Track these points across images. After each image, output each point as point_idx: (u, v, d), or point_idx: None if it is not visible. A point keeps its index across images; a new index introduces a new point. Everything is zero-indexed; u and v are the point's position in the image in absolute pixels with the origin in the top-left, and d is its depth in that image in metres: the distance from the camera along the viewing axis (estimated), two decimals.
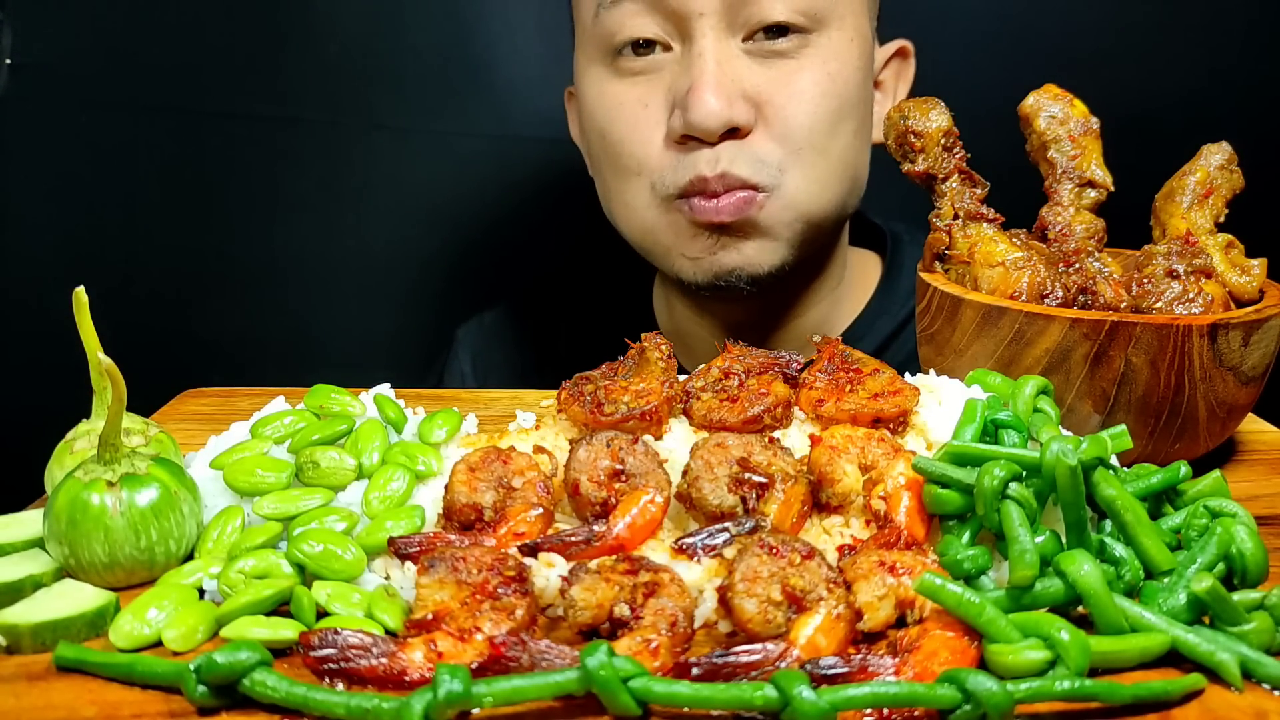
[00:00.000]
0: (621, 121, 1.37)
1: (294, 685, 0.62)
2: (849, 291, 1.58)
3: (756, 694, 0.62)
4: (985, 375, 0.92)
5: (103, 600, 0.72)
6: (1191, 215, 1.05)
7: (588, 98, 1.41)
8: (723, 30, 1.30)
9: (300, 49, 1.88)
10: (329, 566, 0.75)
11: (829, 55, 1.33)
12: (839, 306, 1.57)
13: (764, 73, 1.32)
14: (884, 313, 1.55)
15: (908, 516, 0.77)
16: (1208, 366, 0.92)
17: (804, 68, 1.32)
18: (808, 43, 1.32)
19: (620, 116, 1.37)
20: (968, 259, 1.02)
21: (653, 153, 1.35)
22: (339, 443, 0.88)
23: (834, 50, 1.33)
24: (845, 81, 1.34)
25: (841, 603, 0.69)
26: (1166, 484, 0.82)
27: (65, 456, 0.85)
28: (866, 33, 1.39)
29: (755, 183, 1.31)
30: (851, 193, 1.42)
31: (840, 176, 1.37)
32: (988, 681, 0.61)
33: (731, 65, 1.31)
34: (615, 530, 0.77)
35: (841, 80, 1.34)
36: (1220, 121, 1.36)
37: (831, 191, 1.37)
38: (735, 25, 1.31)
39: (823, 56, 1.33)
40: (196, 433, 1.04)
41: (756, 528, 0.76)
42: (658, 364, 0.92)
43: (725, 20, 1.30)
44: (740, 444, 0.81)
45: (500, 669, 0.65)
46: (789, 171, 1.33)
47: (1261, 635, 0.69)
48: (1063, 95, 1.09)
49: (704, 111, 1.27)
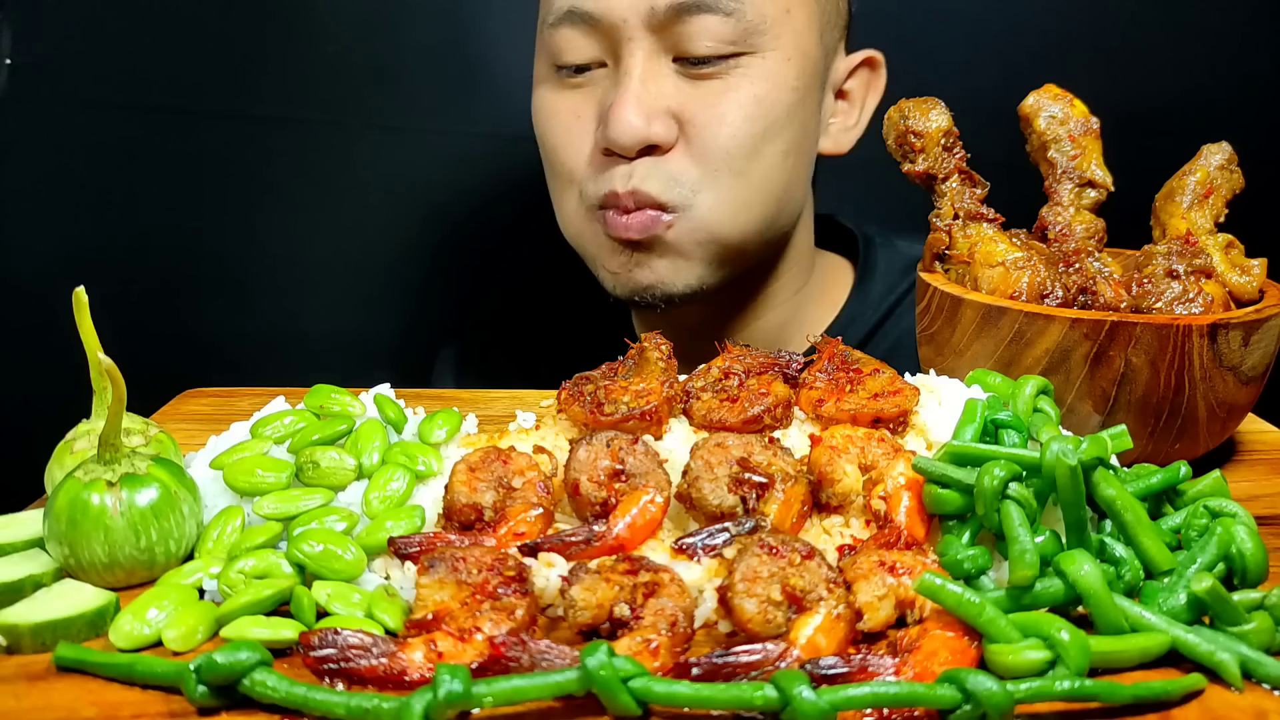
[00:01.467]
0: (557, 129, 1.41)
1: (294, 685, 0.62)
2: (817, 295, 1.58)
3: (756, 694, 0.62)
4: (985, 375, 0.92)
5: (103, 600, 0.72)
6: (1191, 215, 1.05)
7: (535, 105, 1.46)
8: (653, 50, 1.32)
9: (299, 49, 1.88)
10: (329, 566, 0.75)
11: (758, 77, 1.33)
12: (804, 310, 1.57)
13: (690, 91, 1.33)
14: (857, 317, 1.55)
15: (908, 516, 0.77)
16: (1208, 366, 0.92)
17: (730, 89, 1.33)
18: (738, 64, 1.33)
19: (556, 125, 1.41)
20: (968, 259, 1.02)
21: (581, 162, 1.38)
22: (339, 443, 0.88)
23: (765, 72, 1.33)
24: (774, 104, 1.34)
25: (841, 603, 0.70)
26: (1166, 484, 0.82)
27: (65, 456, 0.85)
28: (810, 50, 1.38)
29: (664, 201, 1.33)
30: (780, 213, 1.42)
31: (762, 198, 1.37)
32: (988, 681, 0.61)
33: (658, 83, 1.32)
34: (615, 530, 0.77)
35: (769, 103, 1.34)
36: (1220, 121, 1.36)
37: (749, 213, 1.37)
38: (665, 46, 1.32)
39: (751, 78, 1.33)
40: (196, 433, 1.04)
41: (756, 528, 0.76)
42: (658, 364, 0.92)
43: (655, 43, 1.32)
44: (740, 444, 0.81)
45: (500, 669, 0.65)
46: (702, 192, 1.33)
47: (1261, 635, 0.69)
48: (1063, 95, 1.09)
49: (621, 128, 1.29)
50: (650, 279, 1.37)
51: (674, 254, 1.36)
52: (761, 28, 1.32)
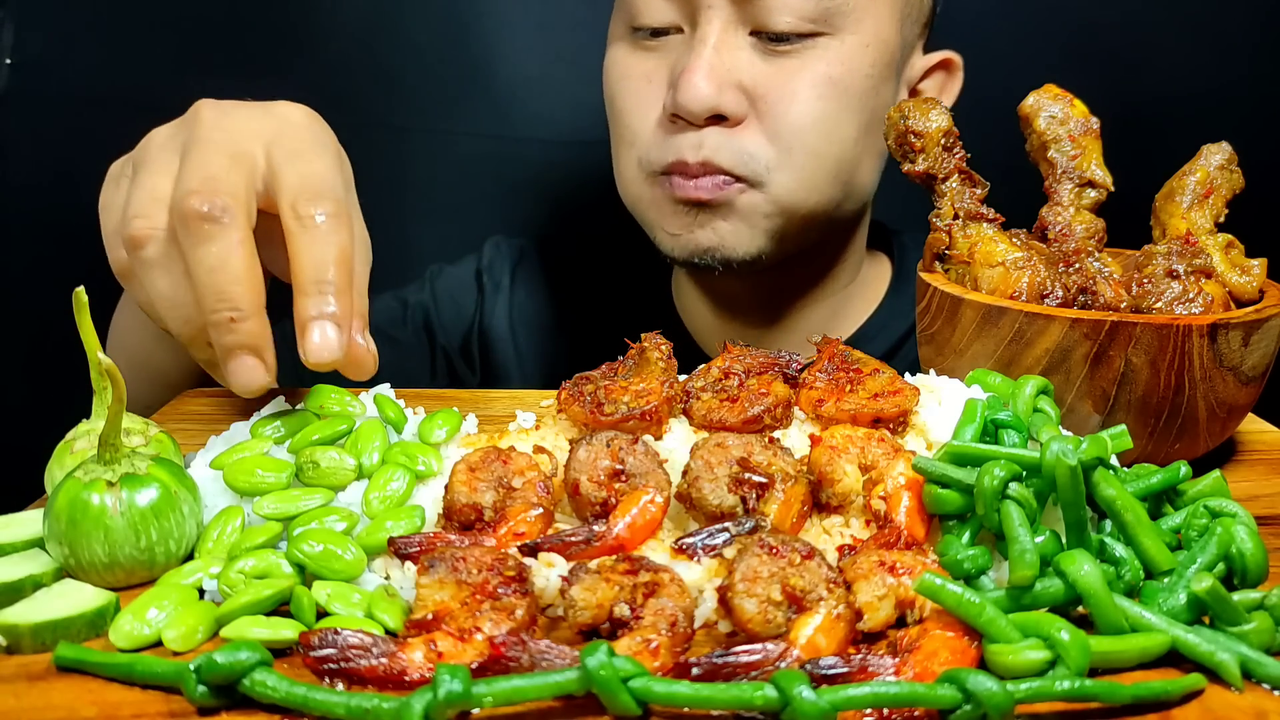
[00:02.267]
0: (626, 93, 1.40)
1: (294, 685, 0.62)
2: (861, 291, 1.59)
3: (756, 694, 0.61)
4: (985, 375, 0.92)
5: (103, 600, 0.72)
6: (1191, 215, 1.05)
7: (606, 65, 1.45)
8: (730, 20, 1.31)
9: (300, 48, 1.88)
10: (329, 566, 0.75)
11: (835, 59, 1.32)
12: (848, 305, 1.57)
13: (764, 68, 1.32)
14: (896, 314, 1.56)
15: (908, 516, 0.77)
16: (1208, 366, 0.92)
17: (805, 68, 1.32)
18: (815, 44, 1.32)
19: (626, 88, 1.40)
20: (968, 259, 1.02)
21: (646, 127, 1.38)
22: (339, 443, 0.88)
23: (841, 54, 1.33)
24: (848, 88, 1.34)
25: (841, 603, 0.70)
26: (1166, 484, 0.82)
27: (65, 456, 0.85)
28: (890, 39, 1.38)
29: (738, 174, 1.32)
30: (847, 199, 1.42)
31: (830, 181, 1.37)
32: (988, 681, 0.61)
33: (732, 55, 1.31)
34: (615, 530, 0.77)
35: (843, 85, 1.33)
36: (1220, 121, 1.36)
37: (820, 194, 1.37)
38: (743, 19, 1.32)
39: (827, 60, 1.32)
40: (196, 433, 1.04)
41: (756, 528, 0.76)
42: (658, 364, 0.92)
43: (734, 14, 1.31)
44: (740, 444, 0.81)
45: (500, 669, 0.65)
46: (778, 171, 1.33)
47: (1261, 635, 0.69)
48: (1063, 95, 1.09)
49: (690, 93, 1.28)
50: (712, 240, 1.37)
51: (738, 219, 1.35)
52: (844, 9, 1.31)
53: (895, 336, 1.54)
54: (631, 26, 1.39)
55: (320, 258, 0.85)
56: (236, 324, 0.83)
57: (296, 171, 0.88)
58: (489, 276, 1.72)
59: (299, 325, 0.85)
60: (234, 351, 0.84)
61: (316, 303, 0.84)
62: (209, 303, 0.84)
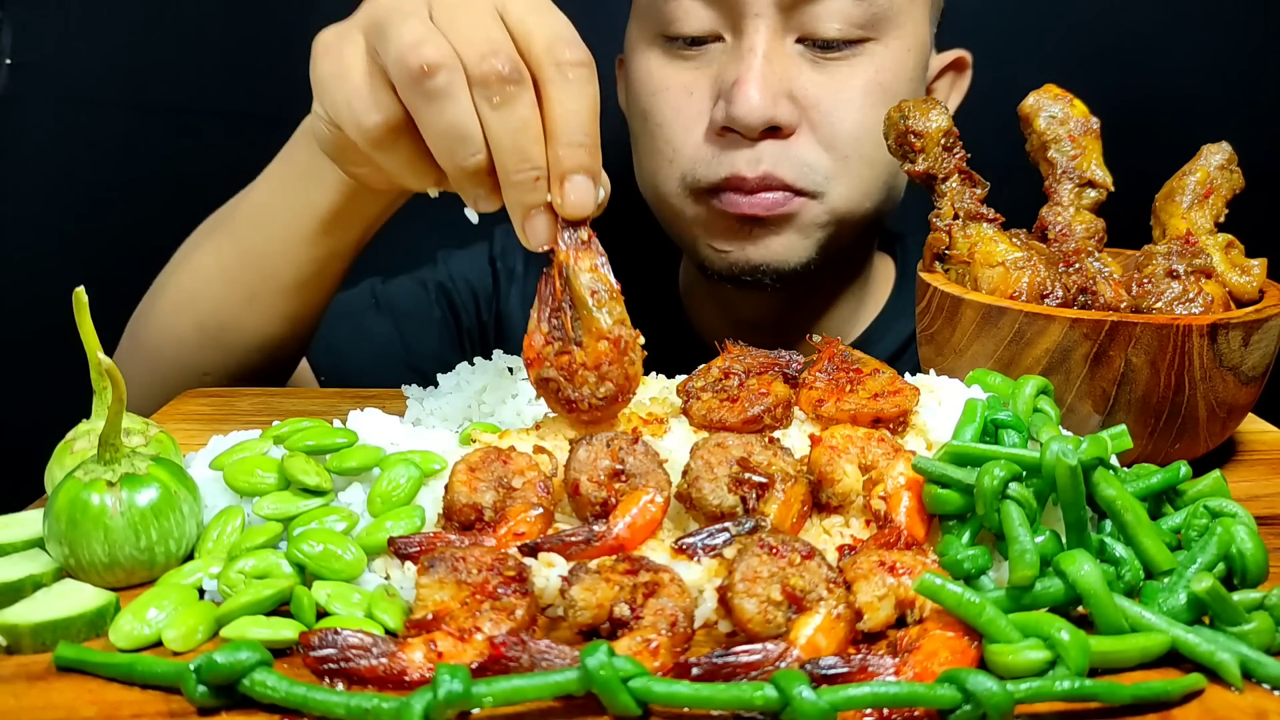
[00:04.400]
0: (666, 106, 1.36)
1: (294, 685, 0.62)
2: (868, 294, 1.58)
3: (756, 694, 0.61)
4: (985, 375, 0.92)
5: (103, 600, 0.72)
6: (1191, 215, 1.05)
7: (636, 75, 1.40)
8: (777, 29, 1.29)
9: (300, 49, 1.88)
10: (329, 566, 0.75)
11: (883, 64, 1.31)
12: (862, 307, 1.57)
13: (814, 76, 1.30)
14: (902, 314, 1.55)
15: (908, 516, 0.77)
16: (1208, 366, 0.92)
17: (856, 74, 1.30)
18: (862, 50, 1.31)
19: (665, 101, 1.36)
20: (968, 259, 1.02)
21: (691, 142, 1.34)
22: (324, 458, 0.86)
23: (889, 59, 1.32)
24: (897, 93, 1.32)
25: (841, 603, 0.69)
26: (1166, 484, 0.82)
27: (65, 456, 0.85)
28: (925, 41, 1.37)
29: (800, 187, 1.30)
30: (887, 200, 1.41)
31: (880, 186, 1.37)
32: (988, 681, 0.61)
33: (781, 63, 1.29)
34: (615, 530, 0.77)
35: (893, 91, 1.32)
36: (1220, 121, 1.36)
37: (873, 201, 1.37)
38: (790, 27, 1.29)
39: (876, 65, 1.31)
40: (196, 433, 1.04)
41: (756, 528, 0.76)
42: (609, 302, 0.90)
43: (780, 21, 1.29)
44: (740, 444, 0.81)
45: (500, 669, 0.65)
46: (835, 180, 1.32)
47: (1261, 635, 0.69)
48: (1063, 95, 1.09)
49: (747, 106, 1.25)
50: (763, 256, 1.34)
51: (793, 231, 1.33)
52: (889, 14, 1.30)
53: (901, 339, 1.53)
54: (664, 35, 1.34)
55: (579, 109, 0.85)
56: (540, 182, 0.86)
57: (544, 24, 0.87)
58: (503, 263, 1.69)
59: (556, 176, 0.86)
60: (534, 209, 0.87)
61: (577, 154, 0.86)
62: (513, 163, 0.85)
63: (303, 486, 0.81)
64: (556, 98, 0.85)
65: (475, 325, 1.68)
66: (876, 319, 1.57)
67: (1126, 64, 1.87)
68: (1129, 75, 1.85)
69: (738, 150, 1.30)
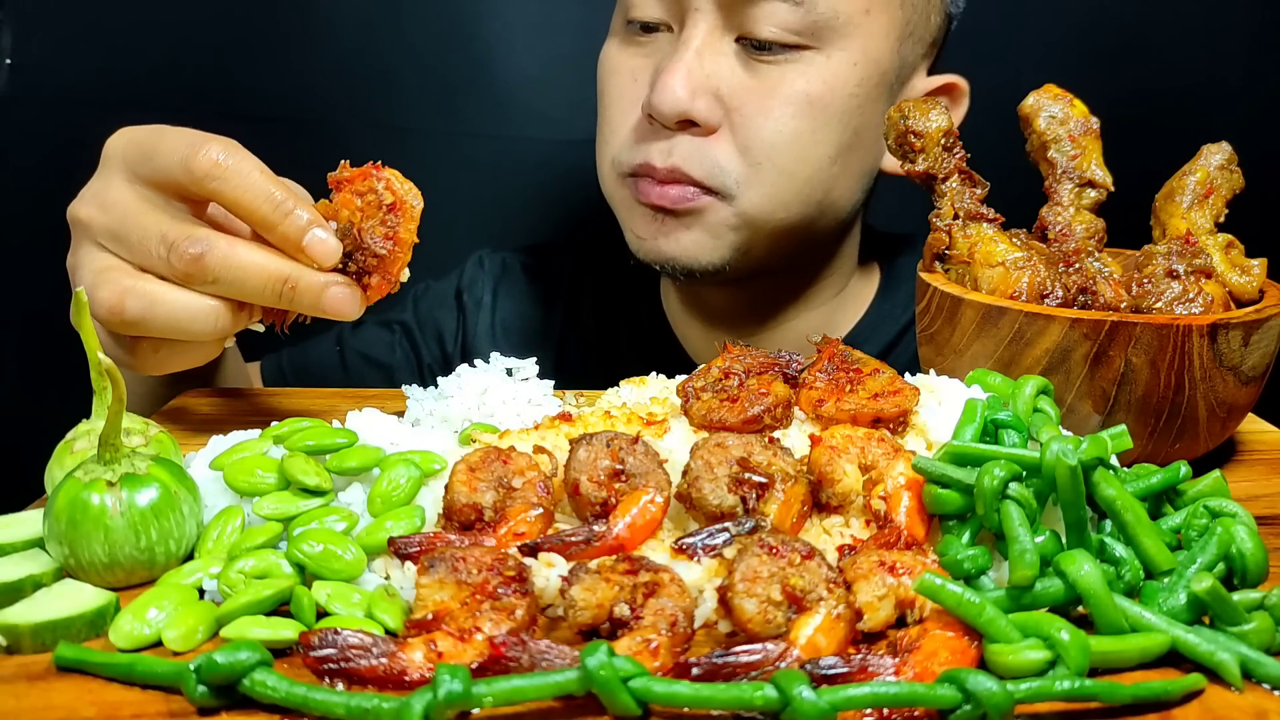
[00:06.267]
0: (613, 89, 1.39)
1: (294, 685, 0.62)
2: (848, 303, 1.57)
3: (756, 694, 0.61)
4: (985, 375, 0.92)
5: (103, 600, 0.72)
6: (1191, 215, 1.05)
7: (602, 55, 1.43)
8: (716, 25, 1.29)
9: (300, 49, 1.88)
10: (329, 566, 0.75)
11: (817, 75, 1.30)
12: (835, 315, 1.56)
13: (744, 78, 1.30)
14: (884, 318, 1.54)
15: (908, 516, 0.77)
16: (1208, 366, 0.92)
17: (786, 81, 1.29)
18: (799, 58, 1.29)
19: (613, 84, 1.39)
20: (968, 259, 1.02)
21: (624, 126, 1.36)
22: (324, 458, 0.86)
23: (828, 71, 1.30)
24: (826, 106, 1.30)
25: (841, 603, 0.70)
26: (1166, 484, 0.82)
27: (65, 456, 0.85)
28: (883, 59, 1.34)
29: (708, 185, 1.31)
30: (821, 217, 1.39)
31: (802, 199, 1.34)
32: (988, 681, 0.61)
33: (714, 60, 1.29)
34: (615, 530, 0.77)
35: (822, 104, 1.30)
36: (1220, 121, 1.36)
37: (788, 212, 1.34)
38: (730, 25, 1.29)
39: (810, 75, 1.29)
40: (196, 433, 1.04)
41: (756, 528, 0.76)
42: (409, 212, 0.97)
43: (720, 19, 1.29)
44: (740, 444, 0.81)
45: (500, 669, 0.65)
46: (746, 186, 1.31)
47: (1261, 635, 0.69)
48: (1063, 95, 1.09)
49: (664, 95, 1.26)
50: (674, 250, 1.35)
51: (702, 230, 1.34)
52: (832, 24, 1.28)
53: (884, 341, 1.53)
54: (626, 19, 1.37)
55: (248, 186, 0.91)
56: (291, 283, 0.93)
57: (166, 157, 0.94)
58: (469, 295, 1.71)
59: (293, 250, 0.93)
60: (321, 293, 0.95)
61: (286, 222, 0.92)
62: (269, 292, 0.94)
63: (303, 486, 0.81)
64: (229, 197, 0.92)
65: (439, 359, 1.70)
66: (858, 324, 1.55)
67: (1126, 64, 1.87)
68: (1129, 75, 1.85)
69: (655, 140, 1.31)
